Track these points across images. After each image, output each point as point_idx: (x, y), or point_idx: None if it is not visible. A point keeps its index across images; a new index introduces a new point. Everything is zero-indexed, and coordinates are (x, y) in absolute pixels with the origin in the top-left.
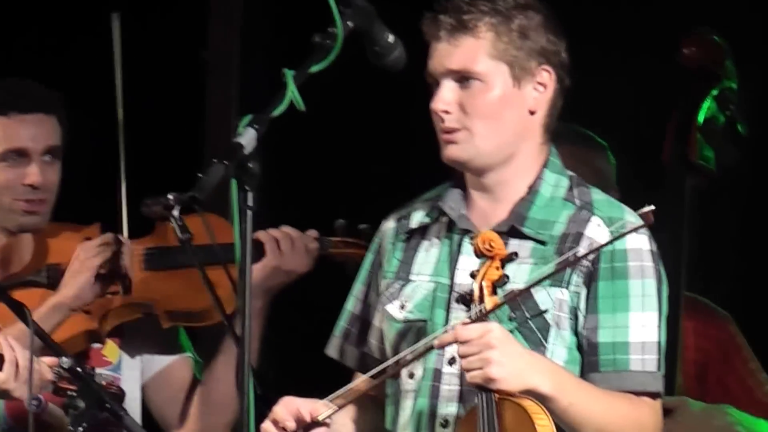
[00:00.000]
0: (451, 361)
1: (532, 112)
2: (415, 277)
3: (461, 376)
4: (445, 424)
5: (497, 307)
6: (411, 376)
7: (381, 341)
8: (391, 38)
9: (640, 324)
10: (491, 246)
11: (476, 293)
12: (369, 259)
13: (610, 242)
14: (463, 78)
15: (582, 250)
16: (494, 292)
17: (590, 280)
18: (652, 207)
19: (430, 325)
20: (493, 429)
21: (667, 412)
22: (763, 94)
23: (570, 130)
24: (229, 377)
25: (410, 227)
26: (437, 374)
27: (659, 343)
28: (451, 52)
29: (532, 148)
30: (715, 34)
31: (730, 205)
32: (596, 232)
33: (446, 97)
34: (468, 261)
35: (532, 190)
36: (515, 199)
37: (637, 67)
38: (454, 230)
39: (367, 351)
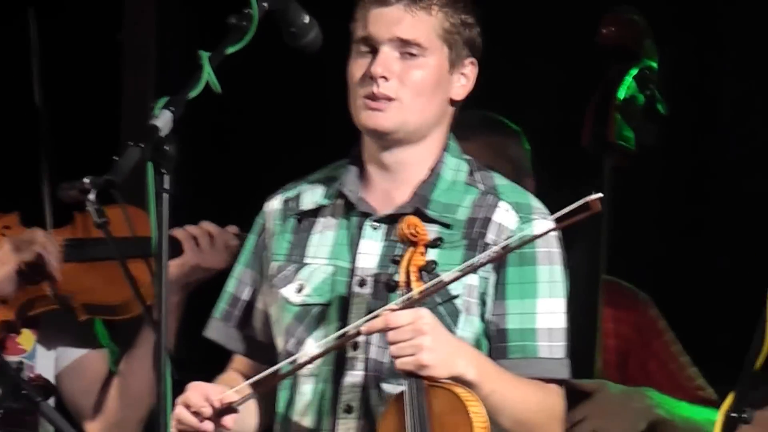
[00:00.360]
0: (355, 346)
1: (451, 101)
2: (310, 260)
3: (366, 361)
4: (349, 410)
5: (431, 293)
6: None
7: (266, 324)
8: (306, 19)
9: (548, 310)
10: (416, 231)
11: (402, 279)
12: (251, 240)
13: (545, 233)
14: (406, 49)
15: (492, 235)
16: (420, 278)
17: (499, 265)
18: (600, 194)
19: (330, 309)
20: (423, 416)
21: (586, 395)
22: (684, 73)
23: (483, 118)
24: (144, 371)
25: (302, 209)
26: (340, 359)
27: (566, 329)
28: (401, 20)
29: (440, 134)
30: (635, 13)
31: (651, 186)
32: (505, 217)
33: (388, 63)
34: (370, 245)
35: (434, 173)
36: (416, 182)
37: (555, 48)
38: (352, 213)
39: (250, 334)
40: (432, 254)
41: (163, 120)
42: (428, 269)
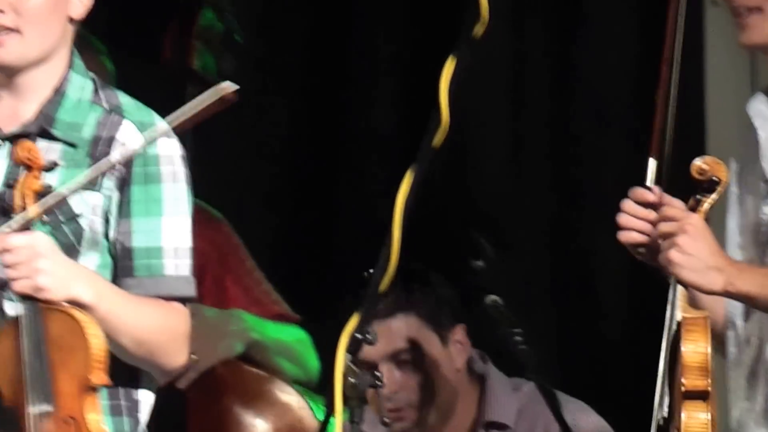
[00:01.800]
0: None
1: (71, 19)
2: None
3: None
4: None
5: (41, 215)
6: None
7: None
8: None
9: (173, 228)
10: (31, 156)
11: (18, 203)
12: None
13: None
14: None
15: (116, 155)
16: (36, 201)
17: (123, 184)
18: (236, 86)
19: None
20: (39, 339)
21: None
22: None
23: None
24: None
25: None
26: None
27: (191, 248)
28: None
29: (64, 53)
30: None
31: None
32: (128, 136)
33: None
34: None
35: (60, 92)
36: (42, 100)
37: None
38: None
39: None
40: (55, 175)
41: None
42: (45, 194)
